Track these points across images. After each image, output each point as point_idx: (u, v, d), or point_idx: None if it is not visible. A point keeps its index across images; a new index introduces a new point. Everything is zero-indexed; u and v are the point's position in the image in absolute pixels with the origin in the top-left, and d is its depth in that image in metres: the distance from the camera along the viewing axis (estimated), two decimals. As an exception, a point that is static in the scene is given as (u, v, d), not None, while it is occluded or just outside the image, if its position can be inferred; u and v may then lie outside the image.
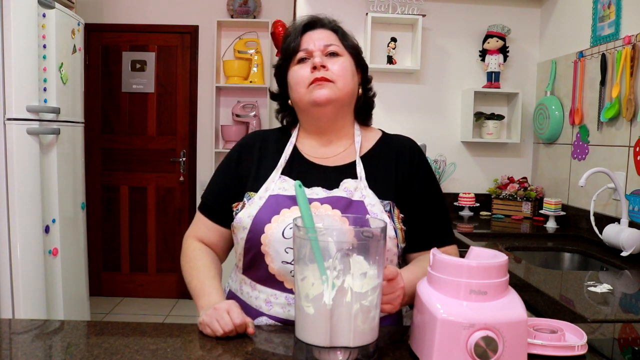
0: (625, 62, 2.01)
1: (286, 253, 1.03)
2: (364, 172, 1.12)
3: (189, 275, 1.12)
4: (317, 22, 1.18)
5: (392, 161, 1.16)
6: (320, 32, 1.16)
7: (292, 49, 1.14)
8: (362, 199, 1.08)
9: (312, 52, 1.13)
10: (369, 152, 1.18)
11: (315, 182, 1.11)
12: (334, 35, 1.17)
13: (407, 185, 1.14)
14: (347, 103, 1.16)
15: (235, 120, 3.80)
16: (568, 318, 1.20)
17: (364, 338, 0.79)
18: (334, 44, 1.14)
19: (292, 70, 1.15)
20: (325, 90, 1.10)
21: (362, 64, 1.21)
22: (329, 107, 1.12)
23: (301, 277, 0.80)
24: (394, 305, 0.93)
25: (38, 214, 2.35)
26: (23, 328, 0.98)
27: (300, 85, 1.12)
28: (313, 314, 0.78)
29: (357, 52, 1.19)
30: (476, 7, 2.84)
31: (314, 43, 1.13)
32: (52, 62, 2.48)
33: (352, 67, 1.16)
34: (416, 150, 1.19)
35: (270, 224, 1.05)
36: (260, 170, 1.15)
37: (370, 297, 0.79)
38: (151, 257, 4.02)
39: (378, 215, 1.06)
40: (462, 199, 2.75)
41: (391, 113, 2.86)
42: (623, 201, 1.91)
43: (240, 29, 3.83)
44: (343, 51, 1.15)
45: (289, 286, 1.05)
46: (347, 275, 0.77)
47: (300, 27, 1.16)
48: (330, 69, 1.11)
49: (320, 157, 1.17)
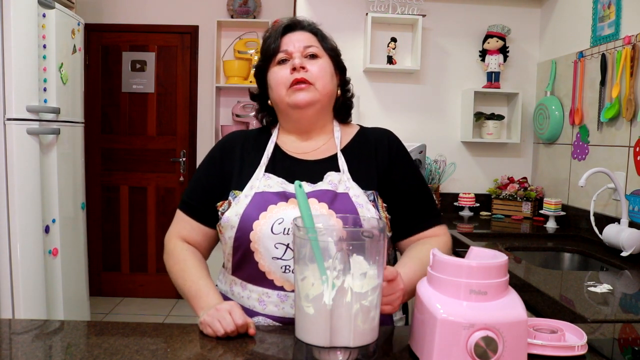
0: (625, 62, 2.01)
1: (276, 249, 1.04)
2: (346, 164, 1.15)
3: (179, 278, 1.12)
4: (297, 25, 1.20)
5: (371, 152, 1.18)
6: (299, 34, 1.18)
7: (272, 50, 1.16)
8: (347, 190, 1.09)
9: (291, 54, 1.15)
10: (349, 145, 1.20)
11: (299, 176, 1.12)
12: (314, 37, 1.19)
13: (388, 173, 1.16)
14: (327, 104, 1.19)
15: (235, 120, 3.80)
16: (568, 318, 1.20)
17: (364, 338, 0.79)
18: (314, 45, 1.17)
19: (271, 72, 1.17)
20: (305, 93, 1.13)
21: (341, 66, 1.23)
22: (309, 110, 1.15)
23: (301, 277, 0.80)
24: (394, 306, 0.93)
25: (38, 214, 2.35)
26: (23, 328, 0.98)
27: (281, 87, 1.14)
28: (313, 314, 0.78)
29: (336, 54, 1.22)
30: (476, 7, 2.84)
31: (294, 44, 1.16)
32: (52, 62, 2.48)
33: (331, 68, 1.19)
34: (393, 139, 1.22)
35: (258, 220, 1.06)
36: (244, 168, 1.16)
37: (371, 297, 0.79)
38: (151, 257, 4.02)
39: (364, 206, 1.08)
40: (462, 199, 2.75)
41: (391, 113, 2.86)
42: (623, 201, 1.91)
43: (240, 29, 3.84)
44: (322, 53, 1.18)
45: (280, 284, 1.05)
46: (347, 275, 0.77)
47: (280, 29, 1.18)
48: (309, 70, 1.13)
49: (302, 152, 1.19)
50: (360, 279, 0.78)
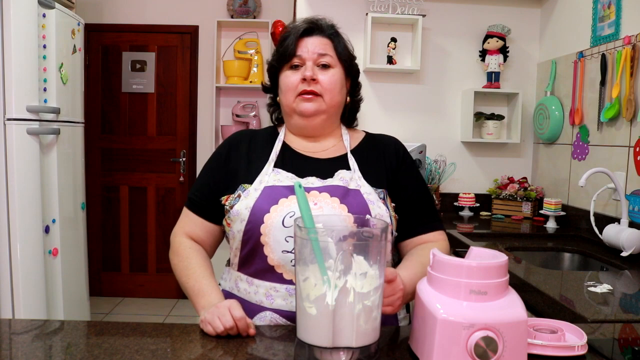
0: (625, 62, 2.01)
1: (286, 242, 1.04)
2: (356, 164, 1.17)
3: (183, 275, 1.12)
4: (315, 28, 1.19)
5: (380, 156, 1.20)
6: (316, 39, 1.18)
7: (287, 54, 1.16)
8: (359, 188, 1.11)
9: (305, 60, 1.15)
10: (358, 148, 1.22)
11: (310, 172, 1.13)
12: (330, 43, 1.19)
13: (395, 176, 1.19)
14: (334, 114, 1.20)
15: (235, 120, 3.80)
16: (568, 318, 1.20)
17: (366, 338, 0.79)
18: (328, 54, 1.17)
19: (284, 74, 1.18)
20: (312, 104, 1.14)
21: (354, 71, 1.24)
22: (314, 119, 1.16)
23: (303, 277, 0.80)
24: (395, 307, 0.93)
25: (38, 214, 2.35)
26: (23, 328, 0.98)
27: (290, 93, 1.15)
28: (315, 314, 0.78)
29: (350, 61, 1.21)
30: (476, 7, 2.84)
31: (308, 50, 1.16)
32: (52, 62, 2.48)
33: (342, 78, 1.19)
34: (400, 146, 1.25)
35: (269, 213, 1.06)
36: (251, 164, 1.16)
37: (373, 297, 0.79)
38: (151, 257, 4.02)
39: (375, 203, 1.09)
40: (462, 199, 2.75)
41: (391, 113, 2.85)
42: (623, 201, 1.91)
43: (240, 29, 3.83)
44: (335, 62, 1.18)
45: (289, 277, 1.05)
46: (349, 275, 0.77)
47: (299, 32, 1.17)
48: (320, 81, 1.14)
49: (311, 151, 1.20)
50: (361, 279, 0.78)
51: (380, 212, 1.08)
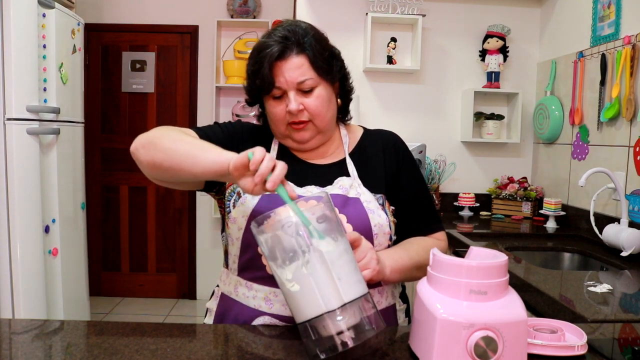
0: (625, 62, 2.01)
1: None
2: (355, 170, 1.15)
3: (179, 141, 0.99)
4: (286, 49, 1.07)
5: (379, 155, 1.18)
6: (291, 63, 1.07)
7: (266, 85, 1.08)
8: (358, 196, 1.09)
9: (285, 91, 1.08)
10: (356, 150, 1.20)
11: (309, 179, 1.12)
12: (306, 61, 1.08)
13: (395, 177, 1.17)
14: (329, 128, 1.16)
15: (235, 120, 3.80)
16: (568, 318, 1.20)
17: (354, 289, 0.81)
18: (307, 78, 1.07)
19: (268, 103, 1.12)
20: (305, 132, 1.11)
21: (338, 73, 1.14)
22: (311, 142, 1.14)
23: (278, 269, 0.83)
24: (373, 269, 0.93)
25: (38, 214, 2.35)
26: (23, 328, 0.98)
27: (280, 123, 1.11)
28: (300, 289, 0.80)
29: (329, 68, 1.11)
30: (476, 7, 2.84)
31: (286, 79, 1.07)
32: (52, 62, 2.48)
33: (329, 91, 1.12)
34: (401, 142, 1.22)
35: None
36: None
37: (344, 256, 0.83)
38: (151, 257, 4.02)
39: (375, 212, 1.08)
40: (462, 199, 2.75)
41: (391, 113, 2.86)
42: (623, 201, 1.91)
43: (240, 29, 3.83)
44: (317, 80, 1.09)
45: None
46: (313, 239, 0.81)
47: (273, 58, 1.06)
48: (306, 107, 1.08)
49: (310, 157, 1.18)
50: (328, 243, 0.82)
51: (381, 221, 1.07)
